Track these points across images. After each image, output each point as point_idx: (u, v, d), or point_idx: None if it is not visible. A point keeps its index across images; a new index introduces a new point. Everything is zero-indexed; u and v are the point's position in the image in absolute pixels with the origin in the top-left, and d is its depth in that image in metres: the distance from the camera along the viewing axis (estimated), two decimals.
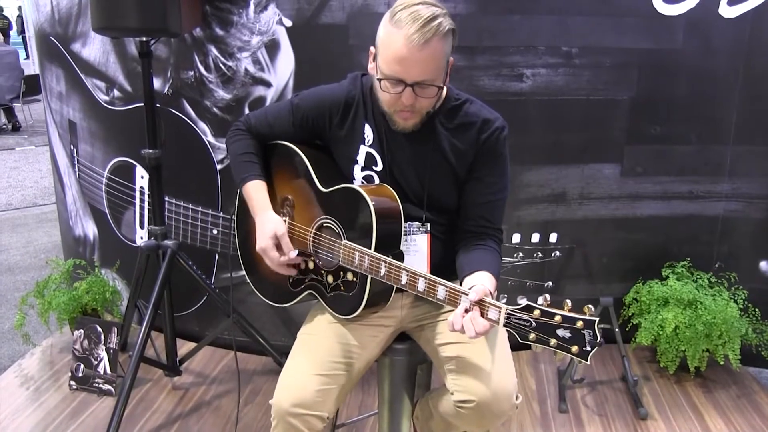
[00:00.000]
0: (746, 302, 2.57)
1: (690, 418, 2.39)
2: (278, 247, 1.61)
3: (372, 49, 1.49)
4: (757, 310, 2.57)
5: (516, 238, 2.66)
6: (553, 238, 2.69)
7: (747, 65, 2.51)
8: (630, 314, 2.65)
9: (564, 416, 2.40)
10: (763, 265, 2.70)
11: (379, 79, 1.46)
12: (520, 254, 2.69)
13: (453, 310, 1.41)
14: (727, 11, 2.43)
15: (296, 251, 1.62)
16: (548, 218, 2.66)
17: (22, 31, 17.49)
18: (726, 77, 2.54)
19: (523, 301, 1.32)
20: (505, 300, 2.68)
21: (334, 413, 1.56)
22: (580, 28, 2.44)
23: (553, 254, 2.71)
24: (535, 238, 2.68)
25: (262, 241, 1.61)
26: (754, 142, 2.61)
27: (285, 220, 1.67)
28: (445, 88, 1.57)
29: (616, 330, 2.48)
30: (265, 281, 1.77)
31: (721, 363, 2.47)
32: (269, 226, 1.61)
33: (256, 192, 1.65)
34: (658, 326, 2.47)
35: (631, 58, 2.50)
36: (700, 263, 2.67)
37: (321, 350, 1.57)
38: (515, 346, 2.88)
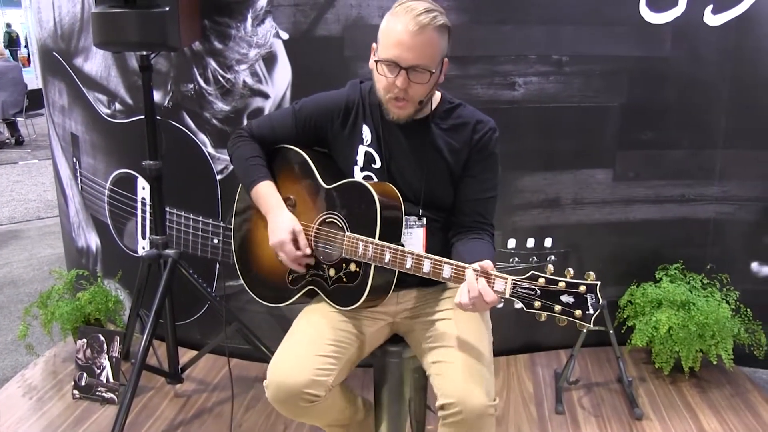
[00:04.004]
0: (738, 303, 2.61)
1: (685, 418, 2.42)
2: (294, 242, 1.66)
3: (374, 45, 1.58)
4: (749, 310, 2.61)
5: (511, 243, 2.71)
6: (548, 242, 2.74)
7: (734, 71, 2.56)
8: (625, 316, 2.68)
9: (561, 418, 2.43)
10: (754, 266, 2.74)
11: (377, 61, 1.55)
12: (516, 259, 2.73)
13: (446, 311, 1.45)
14: (711, 19, 2.49)
15: (310, 249, 1.66)
16: (543, 223, 2.71)
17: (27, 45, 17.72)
18: (714, 83, 2.59)
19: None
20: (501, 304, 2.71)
21: (329, 390, 1.58)
22: (570, 37, 2.50)
23: (548, 259, 2.75)
24: (530, 243, 2.72)
25: (280, 235, 1.64)
26: (744, 145, 2.66)
27: None
28: (436, 92, 1.65)
29: (611, 332, 2.52)
30: (262, 282, 1.81)
31: (715, 363, 2.51)
32: (286, 223, 1.66)
33: (267, 192, 1.71)
34: (652, 328, 2.51)
35: (620, 65, 2.55)
36: (692, 265, 2.71)
37: (316, 333, 1.62)
38: (513, 351, 2.91)
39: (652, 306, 2.58)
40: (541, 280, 1.35)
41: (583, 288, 1.31)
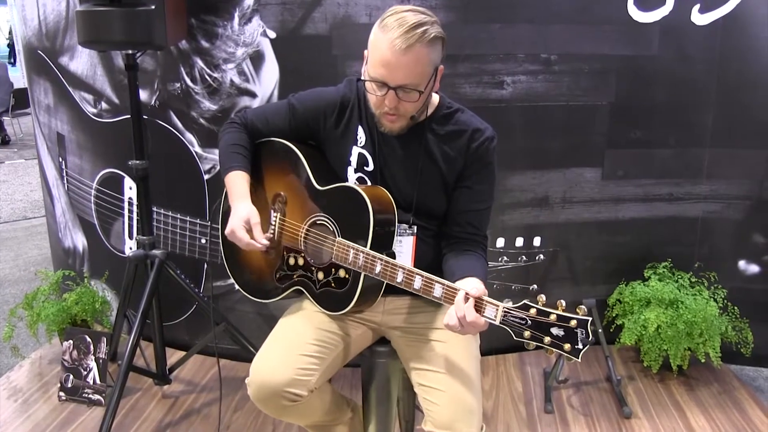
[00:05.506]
0: (726, 301, 2.62)
1: (673, 416, 2.43)
2: (249, 231, 1.60)
3: (365, 52, 1.53)
4: (736, 308, 2.63)
5: (500, 242, 2.70)
6: (537, 241, 2.74)
7: (720, 70, 2.57)
8: (614, 315, 2.69)
9: (550, 417, 2.43)
10: (741, 264, 2.76)
11: (365, 81, 1.51)
12: (505, 258, 2.72)
13: (436, 331, 1.47)
14: (698, 18, 2.50)
15: (267, 241, 1.62)
16: (532, 222, 2.71)
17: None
18: (701, 82, 2.60)
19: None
20: None
21: (311, 391, 1.58)
22: (559, 36, 2.50)
23: (537, 257, 2.76)
24: (519, 242, 2.72)
25: (233, 222, 1.60)
26: (731, 144, 2.67)
27: (276, 216, 1.70)
28: (434, 95, 1.62)
29: (600, 331, 2.52)
30: (250, 277, 1.79)
31: (703, 361, 2.52)
32: (244, 211, 1.61)
33: (237, 181, 1.66)
34: (641, 326, 2.51)
35: (609, 64, 2.55)
36: (681, 264, 2.72)
37: (300, 333, 1.60)
38: (502, 350, 2.91)
39: (641, 304, 2.59)
40: (533, 311, 1.33)
41: (573, 322, 1.30)
